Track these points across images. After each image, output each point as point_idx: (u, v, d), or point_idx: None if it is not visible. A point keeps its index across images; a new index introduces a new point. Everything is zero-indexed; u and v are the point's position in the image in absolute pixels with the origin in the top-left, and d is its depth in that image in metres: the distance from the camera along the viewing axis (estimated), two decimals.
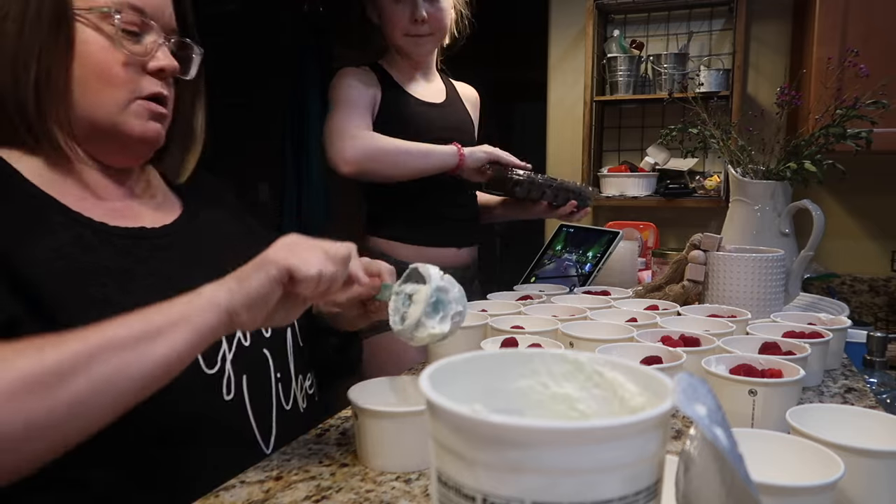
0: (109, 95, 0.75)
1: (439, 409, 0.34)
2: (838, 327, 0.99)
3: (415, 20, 1.43)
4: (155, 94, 0.78)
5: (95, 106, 0.75)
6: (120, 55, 0.75)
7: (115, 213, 0.78)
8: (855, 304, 2.28)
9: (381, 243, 1.52)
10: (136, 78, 0.76)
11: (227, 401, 0.74)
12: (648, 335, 0.91)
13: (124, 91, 0.76)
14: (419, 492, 0.63)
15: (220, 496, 0.62)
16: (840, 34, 1.94)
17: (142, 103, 0.77)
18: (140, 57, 0.76)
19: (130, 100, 0.76)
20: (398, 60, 1.53)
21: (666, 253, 1.51)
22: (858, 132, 1.26)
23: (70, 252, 0.69)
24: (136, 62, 0.76)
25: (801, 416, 0.61)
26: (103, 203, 0.78)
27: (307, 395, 0.88)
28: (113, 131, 0.76)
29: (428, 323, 0.70)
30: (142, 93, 0.77)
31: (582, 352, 0.43)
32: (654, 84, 2.40)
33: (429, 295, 0.70)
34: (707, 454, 0.38)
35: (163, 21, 0.79)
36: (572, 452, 0.31)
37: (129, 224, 0.78)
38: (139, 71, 0.77)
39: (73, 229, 0.71)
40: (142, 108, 0.77)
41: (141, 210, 0.82)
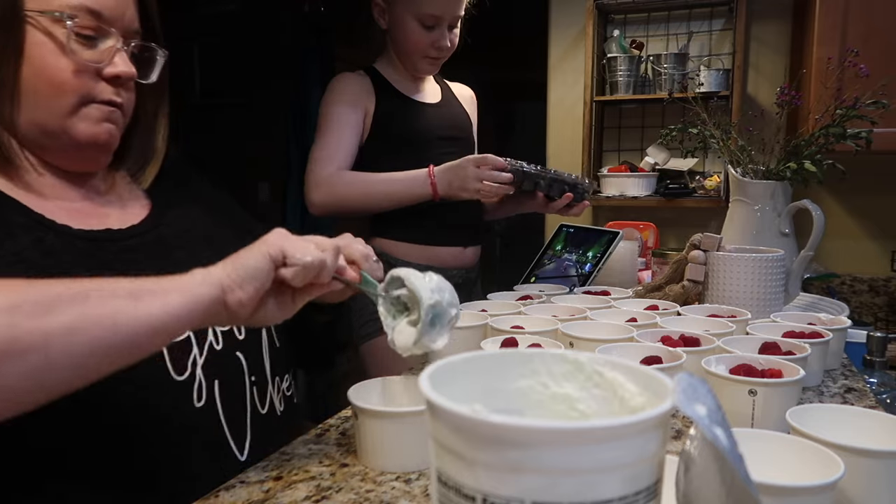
0: (58, 101, 0.72)
1: (439, 409, 0.34)
2: (838, 327, 0.99)
3: (438, 47, 1.45)
4: (108, 100, 0.75)
5: (45, 111, 0.72)
6: (71, 61, 0.72)
7: (79, 215, 0.75)
8: (855, 304, 2.28)
9: (387, 244, 1.52)
10: (88, 84, 0.74)
11: (197, 408, 0.72)
12: (648, 335, 0.91)
13: (75, 97, 0.73)
14: (419, 492, 0.63)
15: (220, 496, 0.62)
16: (840, 34, 1.94)
17: (94, 106, 0.75)
18: (93, 64, 0.73)
19: (81, 104, 0.74)
20: (396, 64, 1.54)
21: (666, 253, 1.51)
22: (858, 132, 1.26)
23: (30, 256, 0.67)
24: (90, 68, 0.73)
25: (801, 416, 0.61)
26: (67, 204, 0.76)
27: (284, 398, 0.86)
28: (63, 136, 0.74)
29: (425, 340, 0.68)
30: (95, 98, 0.74)
31: (582, 352, 0.43)
32: (654, 84, 2.40)
33: (425, 313, 0.67)
34: (707, 454, 0.38)
35: (122, 24, 0.76)
36: (572, 452, 0.31)
37: (94, 226, 0.75)
38: (93, 77, 0.74)
39: (34, 232, 0.69)
40: (93, 112, 0.75)
41: (106, 211, 0.79)
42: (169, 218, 0.84)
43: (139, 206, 0.84)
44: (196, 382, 0.72)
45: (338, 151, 1.43)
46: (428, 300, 0.67)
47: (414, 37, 1.44)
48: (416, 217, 1.47)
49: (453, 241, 1.54)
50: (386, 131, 1.48)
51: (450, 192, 1.38)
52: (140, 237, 0.78)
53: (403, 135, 1.47)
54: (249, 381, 0.79)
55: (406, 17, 1.43)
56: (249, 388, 0.79)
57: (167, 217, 0.84)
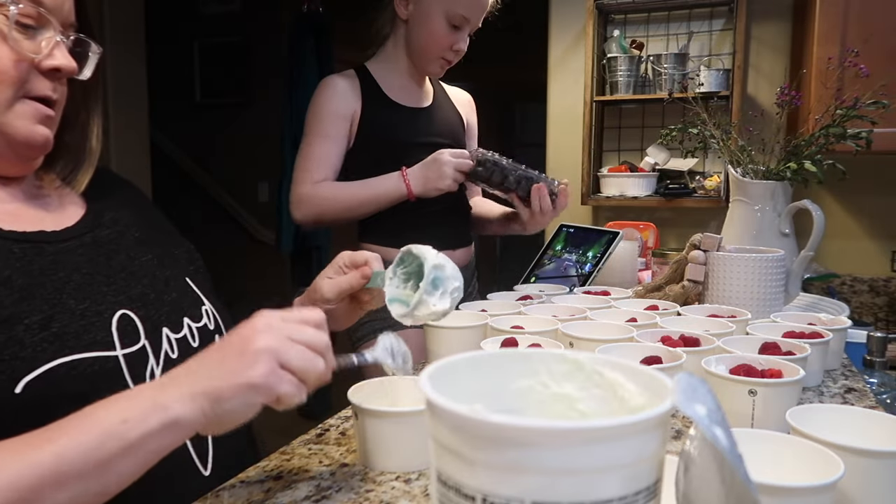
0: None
1: (439, 408, 0.34)
2: (838, 327, 0.99)
3: (456, 50, 1.46)
4: (44, 96, 0.70)
5: None
6: (11, 51, 0.67)
7: (9, 216, 0.70)
8: (855, 305, 2.28)
9: (376, 249, 1.52)
10: (26, 76, 0.68)
11: None
12: (648, 335, 0.91)
13: (11, 89, 0.68)
14: (419, 492, 0.63)
15: (220, 496, 0.62)
16: (840, 34, 1.94)
17: (29, 103, 0.69)
18: (33, 54, 0.68)
19: (17, 98, 0.68)
20: (394, 62, 1.51)
21: (666, 253, 1.51)
22: (858, 132, 1.26)
23: None
24: (29, 59, 0.68)
25: (801, 416, 0.61)
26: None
27: None
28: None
29: (429, 300, 0.70)
30: (30, 92, 0.69)
31: (582, 352, 0.43)
32: (654, 84, 2.40)
33: (428, 272, 0.69)
34: (707, 454, 0.38)
35: (61, 15, 0.71)
36: (572, 452, 0.31)
37: (27, 227, 0.70)
38: (30, 69, 0.69)
39: None
40: (29, 109, 0.69)
41: (37, 212, 0.74)
42: (105, 220, 0.79)
43: (73, 208, 0.78)
44: None
45: (318, 166, 1.44)
46: (433, 260, 0.71)
47: (438, 34, 1.43)
48: (400, 224, 1.46)
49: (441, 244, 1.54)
50: (371, 137, 1.47)
51: (426, 189, 1.40)
52: (77, 239, 0.74)
53: (388, 141, 1.47)
54: None
55: (436, 12, 1.41)
56: None
57: (103, 219, 0.79)
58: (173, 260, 0.84)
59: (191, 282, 0.83)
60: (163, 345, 0.72)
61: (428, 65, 1.49)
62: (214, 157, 4.06)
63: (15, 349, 0.60)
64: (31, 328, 0.62)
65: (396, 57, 1.51)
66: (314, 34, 3.30)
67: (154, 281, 0.77)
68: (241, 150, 3.96)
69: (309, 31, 3.30)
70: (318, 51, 3.32)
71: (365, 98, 1.47)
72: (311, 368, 0.58)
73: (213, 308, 0.84)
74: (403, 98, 1.51)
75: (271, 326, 0.57)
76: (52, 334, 0.63)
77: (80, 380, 0.63)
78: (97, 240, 0.75)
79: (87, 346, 0.64)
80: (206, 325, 0.80)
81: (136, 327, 0.71)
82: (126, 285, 0.73)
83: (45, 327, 0.63)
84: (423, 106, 1.55)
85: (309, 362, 0.58)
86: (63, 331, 0.64)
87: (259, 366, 0.55)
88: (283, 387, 0.56)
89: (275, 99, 3.63)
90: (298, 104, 3.31)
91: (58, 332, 0.63)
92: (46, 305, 0.64)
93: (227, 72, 3.97)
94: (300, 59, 3.31)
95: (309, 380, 0.58)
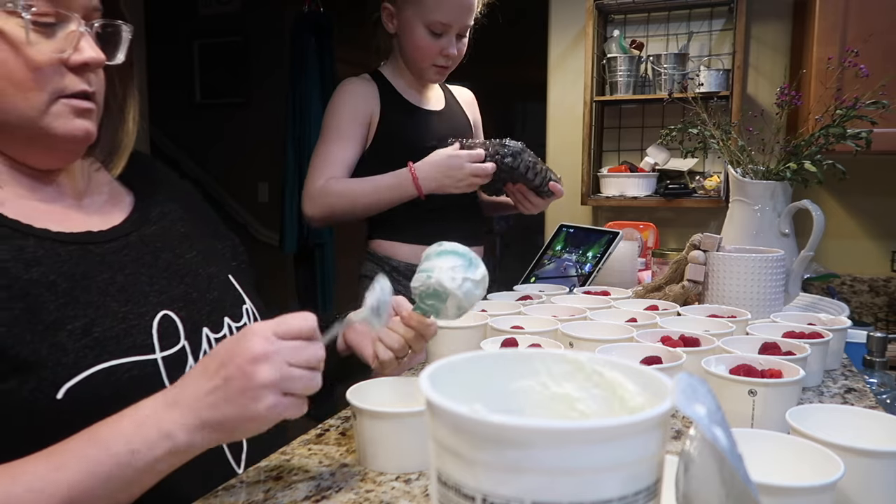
0: (27, 100, 0.66)
1: (439, 409, 0.34)
2: (838, 327, 0.99)
3: (446, 55, 1.46)
4: (79, 91, 0.69)
5: (15, 111, 0.66)
6: (34, 56, 0.65)
7: (57, 216, 0.70)
8: (855, 305, 2.28)
9: (385, 245, 1.52)
10: (56, 77, 0.67)
11: None
12: (648, 335, 0.91)
13: (44, 93, 0.67)
14: (419, 492, 0.63)
15: (219, 496, 0.62)
16: (840, 34, 1.94)
17: (65, 102, 0.68)
18: (58, 54, 0.66)
19: (52, 100, 0.67)
20: (403, 69, 1.54)
21: (666, 253, 1.51)
22: (858, 132, 1.26)
23: (13, 269, 0.62)
24: (54, 60, 0.66)
25: (801, 416, 0.61)
26: (41, 205, 0.71)
27: None
28: (37, 136, 0.68)
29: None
30: (64, 91, 0.68)
31: (582, 352, 0.43)
32: (654, 84, 2.40)
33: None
34: (707, 454, 0.38)
35: (80, 3, 0.68)
36: (572, 452, 0.31)
37: (74, 228, 0.70)
38: (59, 68, 0.67)
39: (12, 240, 0.64)
40: (65, 108, 0.68)
41: (86, 212, 0.74)
42: (152, 215, 0.79)
43: (121, 205, 0.79)
44: None
45: (332, 164, 1.46)
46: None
47: (422, 43, 1.45)
48: (412, 219, 1.47)
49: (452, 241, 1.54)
50: (390, 139, 1.49)
51: (438, 190, 1.41)
52: (124, 238, 0.74)
53: (407, 143, 1.49)
54: None
55: (415, 23, 1.44)
56: None
57: (151, 214, 0.79)
58: (217, 255, 0.85)
59: (233, 279, 0.84)
60: (202, 345, 0.73)
61: (423, 74, 1.51)
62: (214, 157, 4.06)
63: (58, 356, 0.61)
64: (74, 334, 0.63)
65: (401, 67, 1.54)
66: (314, 34, 3.30)
67: (197, 279, 0.78)
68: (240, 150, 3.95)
69: (309, 31, 3.29)
70: (318, 51, 3.32)
71: (384, 101, 1.49)
72: (311, 387, 0.59)
73: (253, 307, 0.85)
74: (419, 101, 1.54)
75: (269, 355, 0.57)
76: (94, 339, 0.64)
77: (119, 384, 0.64)
78: (143, 238, 0.76)
79: (126, 351, 0.65)
80: (246, 324, 0.81)
81: (177, 328, 0.72)
82: (168, 285, 0.74)
83: (86, 332, 0.64)
84: (439, 108, 1.57)
85: (309, 382, 0.59)
86: (104, 335, 0.65)
87: (265, 400, 0.56)
88: (288, 412, 0.58)
89: (275, 99, 3.63)
90: (299, 104, 3.32)
91: (99, 336, 0.64)
92: (90, 309, 0.65)
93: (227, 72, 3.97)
94: (300, 59, 3.30)
95: (308, 395, 0.60)
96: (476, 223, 1.62)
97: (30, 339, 0.61)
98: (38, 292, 0.63)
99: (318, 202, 1.45)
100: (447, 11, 1.41)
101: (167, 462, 0.57)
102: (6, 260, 0.63)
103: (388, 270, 1.51)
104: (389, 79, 1.52)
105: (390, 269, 1.51)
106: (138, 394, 0.60)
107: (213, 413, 0.57)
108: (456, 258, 0.74)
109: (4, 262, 0.62)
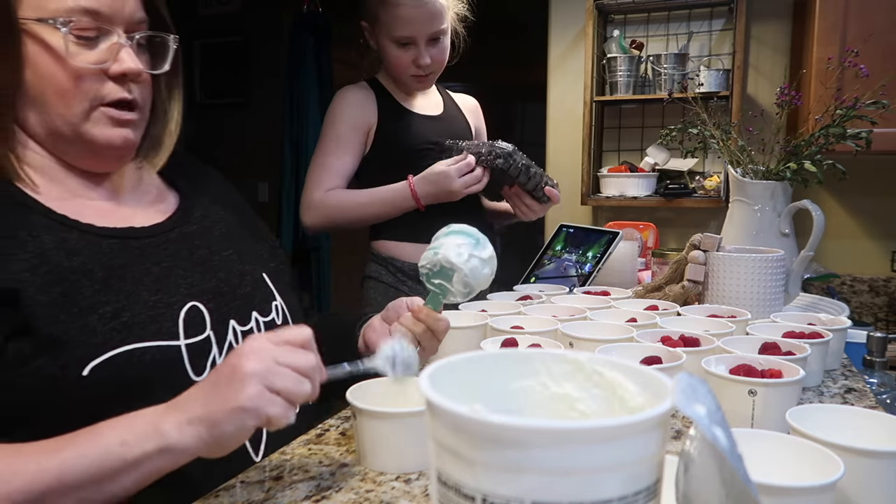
0: (68, 107, 0.71)
1: (439, 409, 0.34)
2: (838, 327, 0.99)
3: (419, 65, 1.46)
4: (119, 99, 0.73)
5: (58, 118, 0.72)
6: (73, 66, 0.70)
7: (103, 213, 0.75)
8: (855, 305, 2.28)
9: (388, 245, 1.52)
10: (96, 86, 0.72)
11: None
12: (648, 335, 0.91)
13: (84, 101, 0.72)
14: (419, 492, 0.63)
15: (219, 496, 0.62)
16: (840, 34, 1.94)
17: (104, 111, 0.73)
18: (97, 65, 0.71)
19: (92, 108, 0.72)
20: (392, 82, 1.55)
21: (666, 253, 1.51)
22: (858, 132, 1.26)
23: (54, 257, 0.67)
24: (94, 71, 0.71)
25: (801, 416, 0.61)
26: (90, 203, 0.76)
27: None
28: (79, 140, 0.73)
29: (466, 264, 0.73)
30: (104, 100, 0.73)
31: (582, 352, 0.43)
32: (654, 84, 2.40)
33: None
34: (707, 454, 0.38)
35: (123, 17, 0.73)
36: (572, 452, 0.31)
37: (118, 224, 0.75)
38: (100, 77, 0.72)
39: (57, 232, 0.69)
40: (103, 116, 0.73)
41: (130, 208, 0.79)
42: (194, 216, 0.84)
43: (166, 204, 0.84)
44: None
45: (330, 174, 1.48)
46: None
47: (393, 58, 1.47)
48: (416, 219, 1.47)
49: None
50: (388, 145, 1.50)
51: (437, 201, 1.44)
52: (164, 235, 0.78)
53: (404, 149, 1.50)
54: None
55: (383, 40, 1.47)
56: None
57: (193, 215, 0.84)
58: (254, 256, 0.88)
59: (267, 277, 0.87)
60: (227, 336, 0.76)
61: (404, 86, 1.53)
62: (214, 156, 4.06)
63: (87, 336, 0.65)
64: (104, 317, 0.67)
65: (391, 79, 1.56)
66: (314, 34, 3.30)
67: (230, 275, 0.81)
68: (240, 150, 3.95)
69: (309, 31, 3.29)
70: (317, 51, 3.32)
71: (381, 108, 1.51)
72: (297, 390, 0.60)
73: (283, 304, 0.87)
74: (416, 107, 1.55)
75: (258, 351, 0.60)
76: (121, 323, 0.68)
77: (142, 366, 0.67)
78: (183, 235, 0.80)
79: (152, 335, 0.69)
80: (274, 319, 0.84)
81: (204, 318, 0.75)
82: (201, 278, 0.77)
83: (116, 317, 0.68)
84: (436, 114, 1.58)
85: (295, 384, 0.60)
86: (132, 320, 0.69)
87: (247, 389, 0.57)
88: (272, 409, 0.58)
89: (274, 99, 3.63)
90: (298, 104, 3.32)
91: (127, 321, 0.68)
92: (122, 296, 0.69)
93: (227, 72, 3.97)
94: (300, 59, 3.30)
95: (296, 401, 0.60)
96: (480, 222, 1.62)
97: (63, 319, 0.65)
98: (76, 278, 0.67)
99: (316, 212, 1.47)
100: (405, 25, 1.42)
101: (159, 460, 0.58)
102: (50, 248, 0.67)
103: (393, 271, 1.51)
104: (386, 86, 1.54)
105: (395, 269, 1.51)
106: (160, 376, 0.65)
107: (200, 409, 0.58)
108: (464, 237, 0.75)
109: (48, 250, 0.67)
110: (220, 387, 0.59)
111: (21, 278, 0.64)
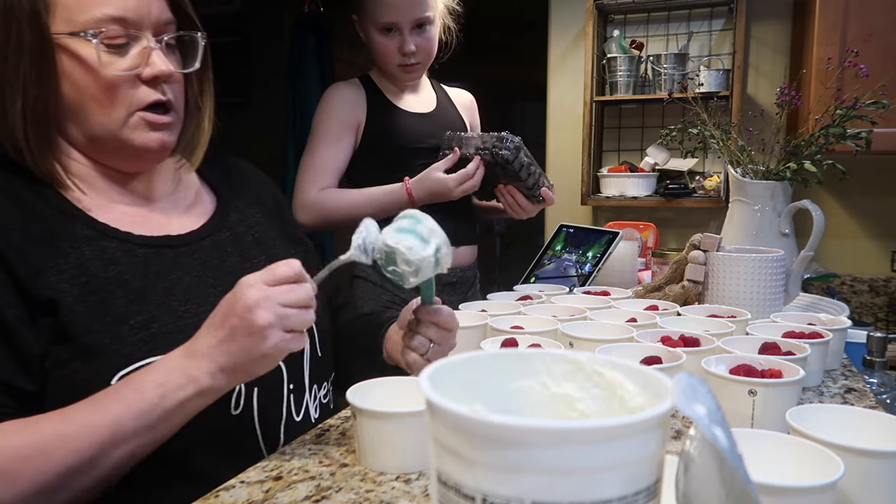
0: (106, 114, 0.74)
1: (439, 409, 0.34)
2: (838, 327, 0.99)
3: (404, 53, 1.46)
4: (154, 101, 0.76)
5: (97, 126, 0.75)
6: (107, 75, 0.73)
7: (141, 220, 0.78)
8: (855, 305, 2.28)
9: None
10: (130, 92, 0.75)
11: (234, 415, 0.74)
12: (648, 335, 0.91)
13: (121, 107, 0.74)
14: (419, 492, 0.63)
15: (220, 496, 0.62)
16: (840, 34, 1.94)
17: (140, 115, 0.76)
18: (129, 72, 0.74)
19: (129, 114, 0.75)
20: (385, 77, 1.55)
21: (666, 253, 1.51)
22: (858, 132, 1.26)
23: (92, 267, 0.70)
24: (128, 77, 0.74)
25: (801, 416, 0.61)
26: (130, 210, 0.79)
27: (321, 405, 0.87)
28: (118, 146, 0.76)
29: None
30: (141, 104, 0.75)
31: (582, 352, 0.43)
32: (654, 84, 2.40)
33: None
34: (707, 454, 0.38)
35: (150, 21, 0.75)
36: (572, 452, 0.31)
37: (155, 231, 0.78)
38: (133, 83, 0.75)
39: (97, 242, 0.72)
40: (141, 121, 0.76)
41: (167, 214, 0.82)
42: (230, 220, 0.86)
43: (203, 209, 0.86)
44: (235, 391, 0.74)
45: (322, 173, 1.48)
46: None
47: (379, 45, 1.48)
48: None
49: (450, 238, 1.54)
50: (377, 142, 1.51)
51: (432, 202, 1.44)
52: (197, 243, 0.81)
53: (394, 146, 1.50)
54: (287, 390, 0.80)
55: (370, 29, 1.47)
56: (287, 396, 0.80)
57: (228, 220, 0.86)
58: None
59: None
60: None
61: (393, 77, 1.53)
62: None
63: (118, 346, 0.69)
64: (135, 328, 0.70)
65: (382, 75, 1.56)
66: (314, 34, 3.30)
67: None
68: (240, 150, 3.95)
69: (309, 31, 3.29)
70: (318, 51, 3.32)
71: (370, 105, 1.51)
72: (307, 321, 0.66)
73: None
74: (406, 104, 1.55)
75: (262, 301, 0.64)
76: (150, 334, 0.71)
77: None
78: (216, 243, 0.83)
79: (176, 347, 0.70)
80: None
81: None
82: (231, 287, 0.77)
83: (145, 327, 0.71)
84: (427, 111, 1.58)
85: (304, 317, 0.66)
86: (160, 331, 0.72)
87: (269, 340, 0.64)
88: (293, 345, 0.66)
89: (275, 99, 3.63)
90: (299, 104, 3.31)
91: (155, 332, 0.71)
92: (152, 306, 0.72)
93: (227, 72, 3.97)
94: (300, 59, 3.30)
95: (307, 327, 0.67)
96: (469, 224, 1.62)
97: (98, 328, 0.68)
98: (112, 289, 0.71)
99: (311, 212, 1.48)
100: (388, 10, 1.43)
101: (194, 403, 0.65)
102: (89, 259, 0.71)
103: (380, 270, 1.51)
104: (377, 83, 1.54)
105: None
106: None
107: (228, 359, 0.65)
108: (404, 220, 0.74)
109: (88, 261, 0.71)
110: (241, 339, 0.64)
111: (61, 289, 0.68)
